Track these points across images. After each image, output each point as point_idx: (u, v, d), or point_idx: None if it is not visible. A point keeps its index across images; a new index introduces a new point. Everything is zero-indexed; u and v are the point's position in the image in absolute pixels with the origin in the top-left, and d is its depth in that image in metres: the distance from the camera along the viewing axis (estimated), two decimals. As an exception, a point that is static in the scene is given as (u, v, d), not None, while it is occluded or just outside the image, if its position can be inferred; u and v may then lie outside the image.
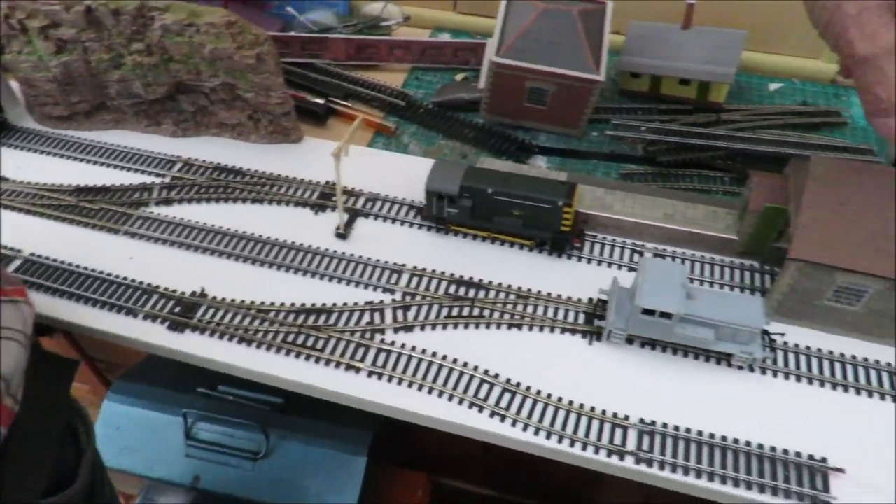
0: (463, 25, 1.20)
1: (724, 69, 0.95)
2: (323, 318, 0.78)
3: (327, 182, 0.93)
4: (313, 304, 0.79)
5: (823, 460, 0.65)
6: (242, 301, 0.80)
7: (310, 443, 1.01)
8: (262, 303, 0.80)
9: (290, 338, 0.76)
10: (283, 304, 0.79)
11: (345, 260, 0.84)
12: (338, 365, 0.74)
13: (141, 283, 0.82)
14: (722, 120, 1.00)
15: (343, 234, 0.86)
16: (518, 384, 0.72)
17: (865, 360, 0.73)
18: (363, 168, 0.95)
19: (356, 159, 0.96)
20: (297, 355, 0.75)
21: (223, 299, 0.80)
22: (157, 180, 0.94)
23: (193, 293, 0.80)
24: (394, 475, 1.33)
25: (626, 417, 0.69)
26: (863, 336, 0.73)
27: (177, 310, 0.79)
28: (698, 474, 0.65)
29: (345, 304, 0.79)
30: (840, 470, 0.64)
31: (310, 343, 0.76)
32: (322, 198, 0.91)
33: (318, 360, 0.74)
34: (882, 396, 0.70)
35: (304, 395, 0.75)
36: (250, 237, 0.87)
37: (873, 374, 0.72)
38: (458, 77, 1.11)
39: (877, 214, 0.65)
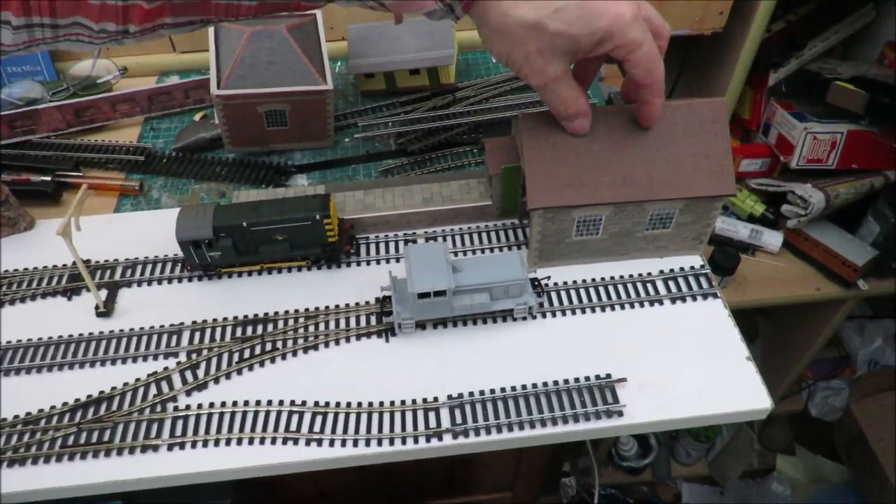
0: (189, 64, 1.16)
1: (443, 52, 1.01)
2: (104, 406, 0.72)
3: (74, 263, 0.85)
4: (89, 396, 0.72)
5: (608, 376, 0.72)
6: (4, 419, 0.71)
7: (164, 537, 0.92)
8: (28, 413, 0.71)
9: (70, 440, 0.69)
10: (53, 408, 0.71)
11: (114, 338, 0.77)
12: (132, 450, 0.68)
13: None
14: (457, 98, 1.06)
15: (105, 311, 0.79)
16: (327, 403, 0.71)
17: (621, 277, 0.81)
18: (113, 236, 0.88)
19: (103, 229, 0.89)
20: (83, 456, 0.68)
21: (-21, 425, 0.70)
22: None
23: (-61, 430, 0.70)
24: (274, 532, 1.28)
25: (436, 399, 0.71)
26: (612, 258, 0.82)
27: (-79, 456, 0.68)
28: (510, 427, 0.69)
29: (125, 385, 0.73)
30: (623, 379, 0.72)
31: (94, 438, 0.69)
32: (72, 280, 0.83)
33: (107, 452, 0.68)
34: (641, 304, 0.79)
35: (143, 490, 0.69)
36: (-3, 347, 0.77)
37: (630, 287, 0.80)
38: (197, 117, 1.07)
39: (587, 151, 0.73)
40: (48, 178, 0.95)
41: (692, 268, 0.82)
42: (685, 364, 0.73)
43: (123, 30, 0.59)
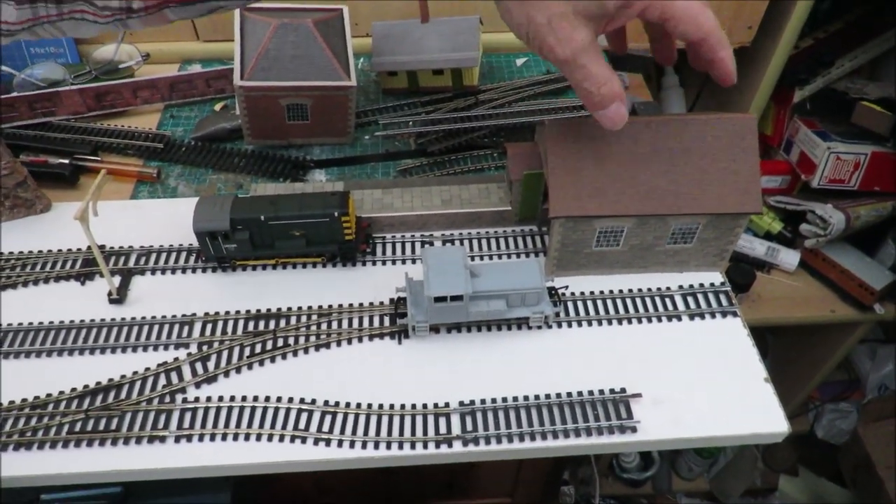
0: (211, 53, 1.15)
1: (468, 54, 1.00)
2: (112, 394, 0.71)
3: (89, 248, 0.84)
4: (98, 383, 0.72)
5: (623, 391, 0.71)
6: (11, 402, 0.70)
7: (163, 524, 0.92)
8: (37, 397, 0.71)
9: (78, 427, 0.68)
10: (62, 393, 0.71)
11: (126, 325, 0.77)
12: (138, 440, 0.68)
13: None
14: (480, 101, 1.05)
15: (118, 298, 0.79)
16: (337, 403, 0.71)
17: (640, 290, 0.80)
18: (129, 223, 0.88)
19: (119, 215, 0.89)
20: (89, 443, 0.67)
21: (-14, 407, 0.70)
22: None
23: (-53, 410, 0.69)
24: (271, 525, 1.28)
25: (447, 405, 0.70)
26: (631, 270, 0.81)
27: (-72, 435, 0.67)
28: (521, 437, 0.68)
29: (135, 373, 0.73)
30: (638, 395, 0.70)
31: (101, 426, 0.68)
32: (86, 265, 0.83)
33: (114, 441, 0.67)
34: (659, 319, 0.78)
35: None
36: (8, 329, 0.76)
37: (648, 301, 0.79)
38: (217, 107, 1.07)
39: (612, 162, 0.72)
40: (66, 161, 0.94)
41: (712, 284, 0.80)
42: (702, 382, 0.72)
43: (127, 6, 0.58)
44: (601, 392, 0.71)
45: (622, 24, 0.59)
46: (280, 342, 0.76)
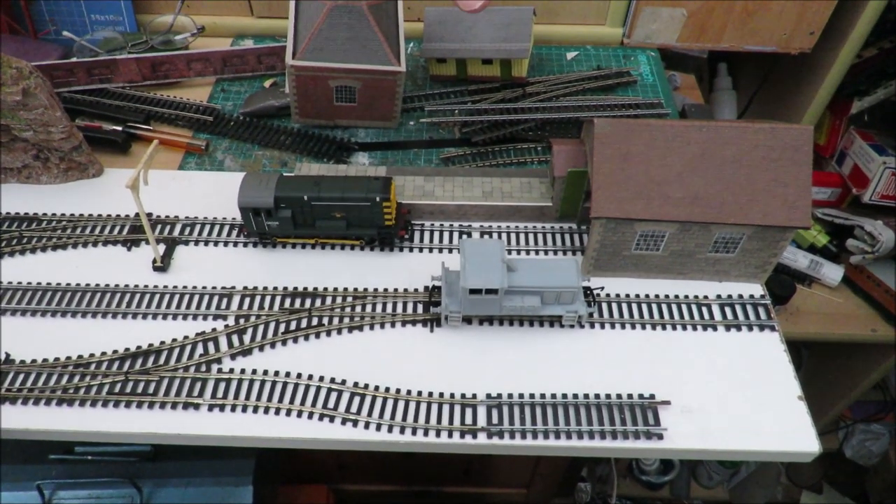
0: (264, 30, 1.17)
1: (520, 45, 0.99)
2: (152, 359, 0.73)
3: (137, 215, 0.87)
4: (139, 347, 0.74)
5: (652, 397, 0.70)
6: (57, 359, 0.73)
7: (188, 484, 0.95)
8: (80, 356, 0.73)
9: (118, 388, 0.71)
10: (104, 354, 0.73)
11: (168, 293, 0.79)
12: (174, 406, 0.70)
13: (-70, 362, 0.72)
14: (527, 93, 1.05)
15: (162, 266, 0.81)
16: (366, 386, 0.72)
17: (676, 296, 0.79)
18: (176, 193, 0.90)
19: (166, 185, 0.91)
20: (127, 405, 0.70)
21: (33, 361, 0.73)
22: (-64, 243, 0.83)
23: (-4, 361, 0.72)
24: (291, 495, 1.31)
25: (474, 396, 0.71)
26: (668, 276, 0.80)
27: (-22, 384, 0.70)
28: (546, 435, 0.68)
29: (174, 340, 0.75)
30: (666, 402, 0.70)
31: (140, 389, 0.71)
32: (133, 232, 0.85)
33: (150, 405, 0.70)
34: (694, 328, 0.77)
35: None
36: (56, 288, 0.79)
37: (685, 308, 0.78)
38: (267, 83, 1.08)
39: (659, 165, 0.71)
40: (119, 129, 0.97)
41: (751, 296, 0.79)
42: (733, 395, 0.71)
43: None
44: (630, 396, 0.71)
45: None
46: (315, 321, 0.77)
